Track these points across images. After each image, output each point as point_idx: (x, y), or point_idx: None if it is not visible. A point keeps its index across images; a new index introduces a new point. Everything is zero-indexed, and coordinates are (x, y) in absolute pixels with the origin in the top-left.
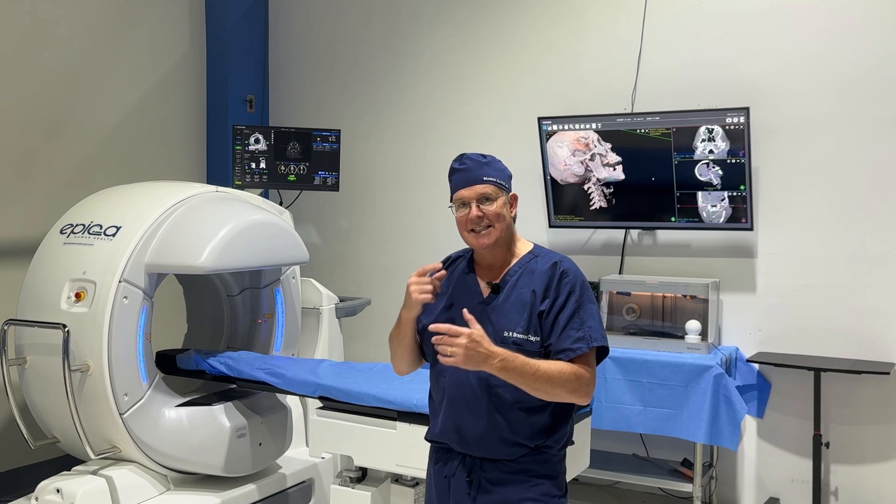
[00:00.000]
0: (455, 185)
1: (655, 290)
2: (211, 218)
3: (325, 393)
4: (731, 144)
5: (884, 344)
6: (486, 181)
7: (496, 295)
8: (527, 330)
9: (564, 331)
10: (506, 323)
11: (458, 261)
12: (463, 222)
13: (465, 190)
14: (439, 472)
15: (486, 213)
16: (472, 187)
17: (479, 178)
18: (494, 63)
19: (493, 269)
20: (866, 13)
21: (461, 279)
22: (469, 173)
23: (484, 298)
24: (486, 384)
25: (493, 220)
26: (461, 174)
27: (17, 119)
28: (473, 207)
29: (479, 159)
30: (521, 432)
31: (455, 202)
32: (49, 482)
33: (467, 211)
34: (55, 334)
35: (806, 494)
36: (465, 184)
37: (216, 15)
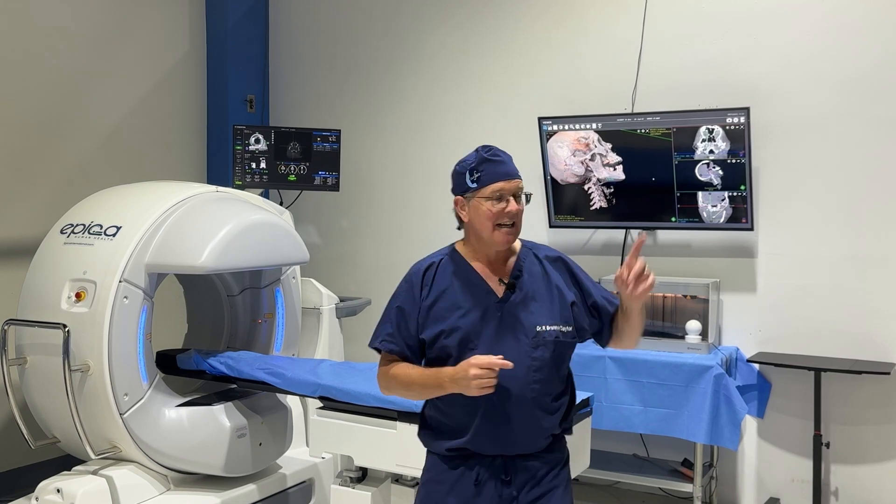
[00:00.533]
0: (493, 177)
1: (655, 290)
2: (211, 218)
3: (325, 393)
4: (732, 144)
5: (884, 344)
6: (520, 177)
7: (511, 292)
8: (560, 321)
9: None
10: (536, 318)
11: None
12: (496, 216)
13: (505, 183)
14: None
15: (519, 209)
16: (512, 181)
17: (516, 172)
18: (494, 63)
19: (496, 266)
20: (866, 13)
21: (461, 278)
22: (507, 166)
23: (500, 297)
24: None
25: (520, 218)
26: (500, 166)
27: (17, 119)
28: (513, 201)
29: (505, 153)
30: (551, 421)
31: (491, 193)
32: (49, 482)
33: (504, 205)
34: (55, 334)
35: (806, 494)
36: (506, 177)
37: (216, 15)
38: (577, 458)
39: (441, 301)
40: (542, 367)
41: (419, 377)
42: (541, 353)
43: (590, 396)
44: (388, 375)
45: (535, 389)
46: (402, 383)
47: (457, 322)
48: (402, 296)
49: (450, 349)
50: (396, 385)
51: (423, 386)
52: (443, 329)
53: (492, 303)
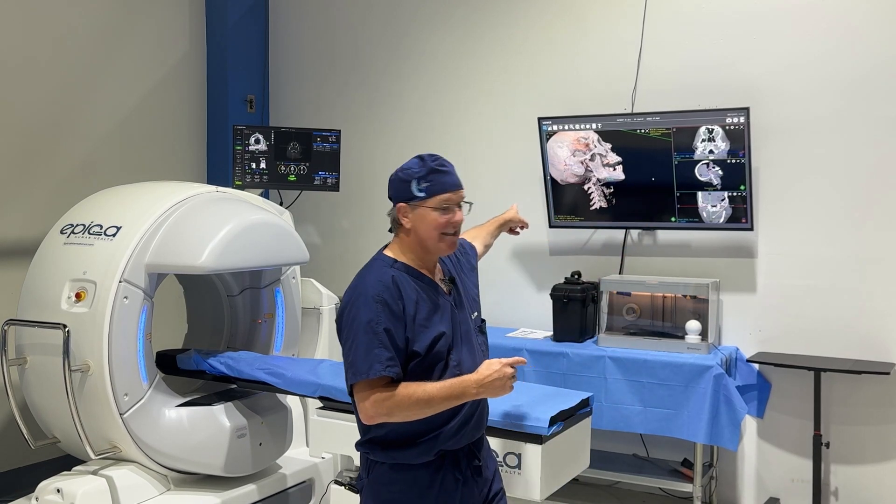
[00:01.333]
0: (442, 187)
1: (655, 290)
2: (211, 218)
3: (325, 393)
4: (732, 144)
5: (884, 344)
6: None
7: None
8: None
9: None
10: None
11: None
12: (442, 225)
13: (453, 193)
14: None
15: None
16: (458, 191)
17: (460, 182)
18: (494, 63)
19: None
20: (866, 14)
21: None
22: (454, 177)
23: (450, 295)
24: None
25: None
26: (448, 176)
27: (17, 119)
28: (458, 212)
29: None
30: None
31: (439, 204)
32: (49, 482)
33: (451, 215)
34: (55, 334)
35: (806, 494)
36: (453, 187)
37: (216, 15)
38: (577, 458)
39: (419, 311)
40: (485, 352)
41: (441, 390)
42: (481, 339)
43: (590, 396)
44: (394, 401)
45: None
46: (418, 402)
47: (440, 326)
48: (384, 317)
49: (441, 353)
50: (410, 406)
51: (447, 398)
52: (435, 335)
53: (448, 302)
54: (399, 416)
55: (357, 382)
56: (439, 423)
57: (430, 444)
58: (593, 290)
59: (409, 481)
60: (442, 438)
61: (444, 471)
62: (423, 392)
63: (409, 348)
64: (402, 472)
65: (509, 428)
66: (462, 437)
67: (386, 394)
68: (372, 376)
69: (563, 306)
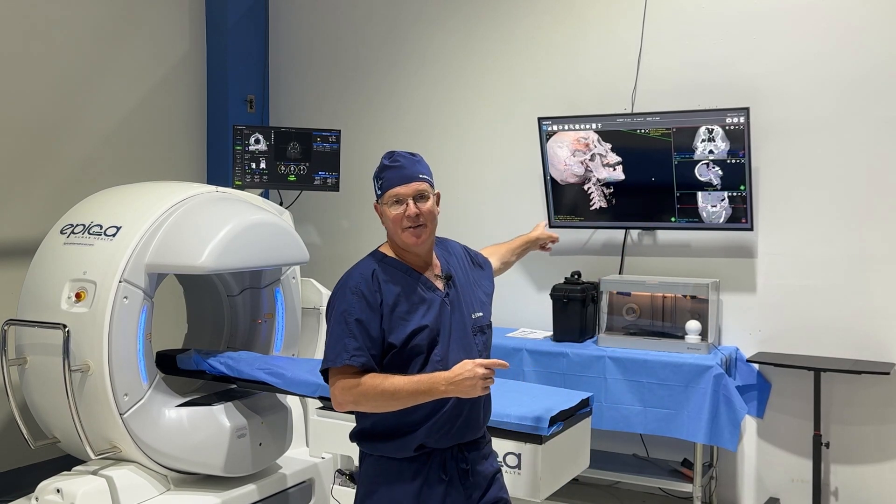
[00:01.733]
0: (389, 182)
1: (655, 290)
2: (211, 218)
3: (325, 393)
4: (731, 144)
5: (884, 344)
6: (422, 178)
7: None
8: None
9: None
10: (470, 307)
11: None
12: (399, 220)
13: (401, 187)
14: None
15: (422, 210)
16: (409, 184)
17: (414, 175)
18: (494, 63)
19: (428, 263)
20: (866, 14)
21: (406, 280)
22: (405, 170)
23: (444, 291)
24: None
25: (428, 218)
26: (395, 171)
27: (17, 119)
28: (411, 204)
29: (410, 157)
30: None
31: (388, 199)
32: (49, 482)
33: (403, 208)
34: (55, 334)
35: (806, 494)
36: (401, 181)
37: (216, 15)
38: (577, 458)
39: (400, 304)
40: (483, 352)
41: (408, 384)
42: (480, 339)
43: (589, 396)
44: (360, 390)
45: None
46: (384, 393)
47: (422, 320)
48: (357, 308)
49: (421, 347)
50: (375, 396)
51: (413, 392)
52: (414, 329)
53: (439, 297)
54: (366, 406)
55: (328, 369)
56: (417, 419)
57: (409, 440)
58: (593, 290)
59: (394, 474)
60: (420, 435)
61: (428, 468)
62: (390, 384)
63: (385, 340)
64: (387, 465)
65: (509, 428)
66: (445, 436)
67: (353, 381)
68: (338, 364)
69: (563, 306)
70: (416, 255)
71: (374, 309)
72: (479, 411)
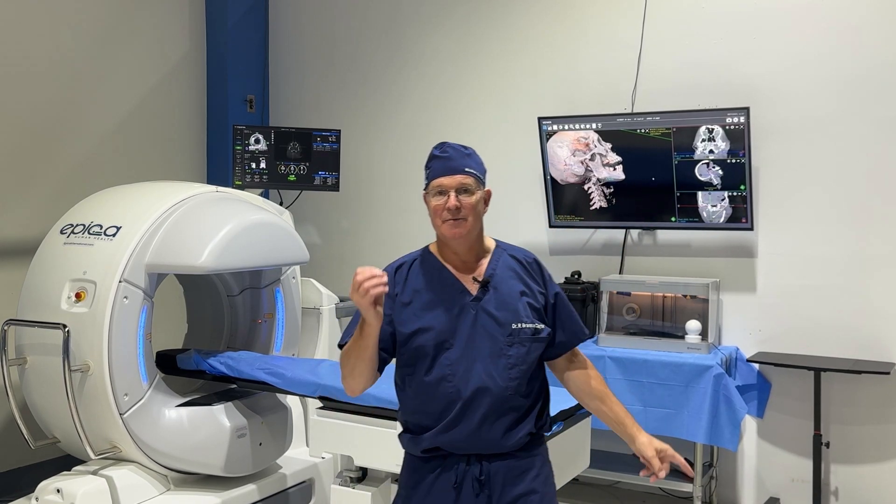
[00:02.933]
0: (434, 173)
1: (655, 290)
2: (211, 218)
3: (325, 393)
4: (732, 144)
5: (884, 344)
6: (468, 172)
7: (485, 290)
8: (536, 319)
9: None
10: (512, 316)
11: (413, 263)
12: (439, 211)
13: (445, 178)
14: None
15: (464, 204)
16: (454, 176)
17: (460, 167)
18: (494, 63)
19: (467, 265)
20: (866, 14)
21: (435, 277)
22: (451, 162)
23: (475, 295)
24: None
25: (469, 213)
26: (442, 162)
27: (17, 119)
28: (452, 196)
29: (461, 149)
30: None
31: (432, 189)
32: (49, 482)
33: (445, 199)
34: (55, 334)
35: (806, 494)
36: (445, 172)
37: (216, 15)
38: (577, 458)
39: (416, 300)
40: (518, 364)
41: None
42: (516, 352)
43: None
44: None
45: (510, 388)
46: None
47: (432, 321)
48: None
49: (426, 348)
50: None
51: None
52: (419, 327)
53: (466, 301)
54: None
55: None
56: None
57: (420, 440)
58: (593, 290)
59: (412, 469)
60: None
61: (442, 470)
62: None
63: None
64: (409, 460)
65: None
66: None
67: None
68: (339, 344)
69: None
70: (455, 254)
71: (390, 296)
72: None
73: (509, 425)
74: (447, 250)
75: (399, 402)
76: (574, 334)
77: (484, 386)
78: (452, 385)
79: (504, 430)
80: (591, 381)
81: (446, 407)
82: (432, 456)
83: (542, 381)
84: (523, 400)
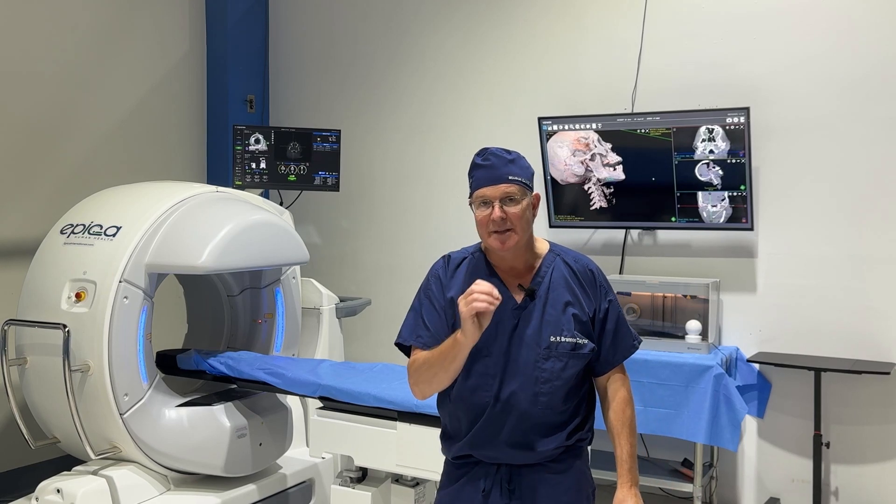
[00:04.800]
0: (477, 183)
1: (655, 290)
2: (211, 218)
3: (325, 393)
4: (732, 144)
5: (884, 344)
6: (512, 181)
7: (531, 299)
8: (578, 334)
9: (617, 337)
10: (552, 328)
11: (462, 262)
12: (484, 223)
13: (488, 189)
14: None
15: (510, 214)
16: (497, 186)
17: (503, 176)
18: (494, 63)
19: (515, 271)
20: (866, 14)
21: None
22: (493, 171)
23: (518, 304)
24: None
25: (516, 223)
26: (484, 171)
27: (17, 119)
28: (496, 208)
29: (503, 155)
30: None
31: (475, 200)
32: (49, 482)
33: (489, 211)
34: (55, 334)
35: (806, 494)
36: (488, 182)
37: (216, 15)
38: None
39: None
40: (552, 380)
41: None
42: (551, 365)
43: None
44: (411, 364)
45: (542, 402)
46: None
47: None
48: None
49: None
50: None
51: (441, 352)
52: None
53: (509, 308)
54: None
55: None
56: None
57: (449, 444)
58: None
59: (446, 472)
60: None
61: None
62: (430, 352)
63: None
64: (446, 462)
65: None
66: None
67: (411, 359)
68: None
69: None
70: (501, 259)
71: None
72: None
73: (538, 439)
74: (495, 255)
75: (438, 403)
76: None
77: (515, 399)
78: (486, 394)
79: (532, 444)
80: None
81: (477, 415)
82: (464, 462)
83: (582, 398)
84: (556, 416)
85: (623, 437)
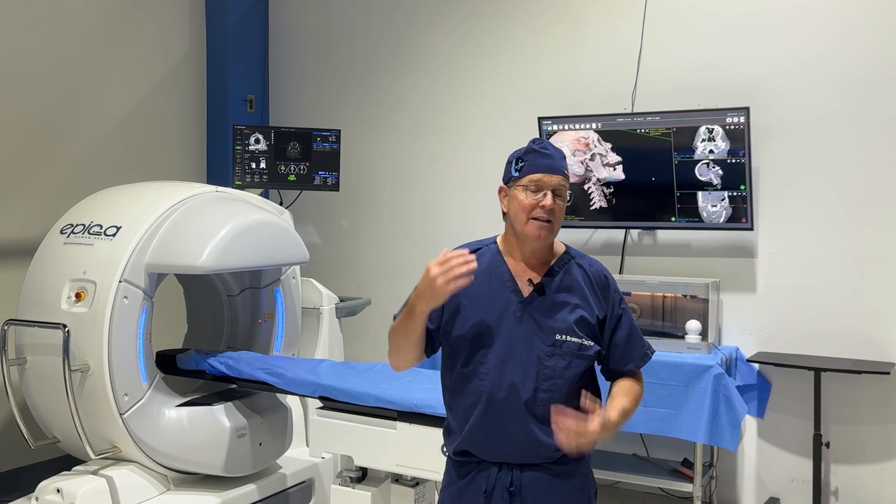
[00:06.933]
0: (533, 167)
1: (655, 290)
2: (211, 218)
3: (325, 393)
4: (732, 144)
5: (884, 344)
6: (566, 175)
7: (538, 294)
8: (585, 335)
9: (629, 345)
10: (558, 326)
11: (477, 252)
12: (530, 207)
13: (546, 176)
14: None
15: (557, 207)
16: (554, 175)
17: (561, 168)
18: (494, 63)
19: (530, 266)
20: (866, 14)
21: (493, 272)
22: (553, 161)
23: (525, 297)
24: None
25: (557, 217)
26: (544, 158)
27: (16, 119)
28: (550, 196)
29: (560, 150)
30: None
31: (527, 184)
32: (49, 482)
33: (540, 197)
34: (55, 334)
35: (806, 494)
36: (547, 170)
37: (216, 15)
38: None
39: (466, 290)
40: (553, 377)
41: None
42: (555, 363)
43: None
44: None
45: (542, 398)
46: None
47: (475, 314)
48: None
49: (465, 340)
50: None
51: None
52: (461, 315)
53: (514, 302)
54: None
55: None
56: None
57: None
58: None
59: (448, 470)
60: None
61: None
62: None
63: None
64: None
65: None
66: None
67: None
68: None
69: None
70: (520, 252)
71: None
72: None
73: (532, 437)
74: (513, 247)
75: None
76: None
77: (513, 392)
78: (483, 384)
79: (531, 442)
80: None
81: (472, 404)
82: (466, 461)
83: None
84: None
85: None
